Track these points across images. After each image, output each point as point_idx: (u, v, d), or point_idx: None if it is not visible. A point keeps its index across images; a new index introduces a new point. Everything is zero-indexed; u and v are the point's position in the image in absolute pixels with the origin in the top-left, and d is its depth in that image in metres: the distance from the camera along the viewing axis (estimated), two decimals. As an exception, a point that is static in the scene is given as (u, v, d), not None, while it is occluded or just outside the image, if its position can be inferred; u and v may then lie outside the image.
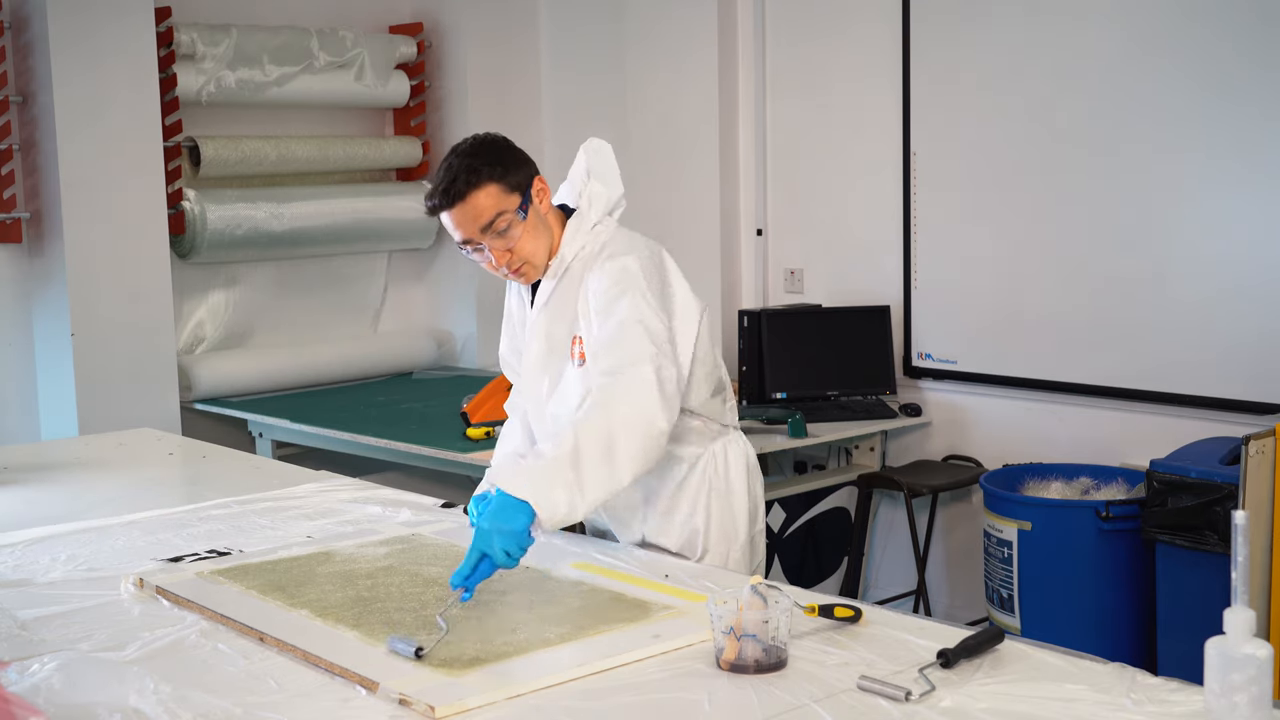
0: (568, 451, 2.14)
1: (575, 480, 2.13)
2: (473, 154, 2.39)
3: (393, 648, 1.87)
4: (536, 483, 2.11)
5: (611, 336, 2.31)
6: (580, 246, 2.48)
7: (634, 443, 2.19)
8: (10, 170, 4.62)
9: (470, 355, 5.76)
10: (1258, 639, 1.41)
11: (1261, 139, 3.86)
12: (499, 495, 2.11)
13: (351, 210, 5.39)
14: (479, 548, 2.06)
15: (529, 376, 2.56)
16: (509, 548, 2.06)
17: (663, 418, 2.24)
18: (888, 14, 4.73)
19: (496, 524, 2.06)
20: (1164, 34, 4.04)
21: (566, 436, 2.16)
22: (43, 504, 2.98)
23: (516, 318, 2.67)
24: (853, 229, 4.97)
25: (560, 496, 2.12)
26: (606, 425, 2.18)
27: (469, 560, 2.06)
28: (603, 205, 2.51)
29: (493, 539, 2.05)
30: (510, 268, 2.43)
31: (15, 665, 1.77)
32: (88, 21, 4.54)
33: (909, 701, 1.66)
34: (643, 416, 2.22)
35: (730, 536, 2.56)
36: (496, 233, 2.38)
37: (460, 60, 5.64)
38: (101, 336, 4.64)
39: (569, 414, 2.41)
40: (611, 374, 2.26)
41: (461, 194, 2.35)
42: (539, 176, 2.45)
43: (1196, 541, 3.51)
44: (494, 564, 2.07)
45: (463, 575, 2.05)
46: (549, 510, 2.11)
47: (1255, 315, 3.90)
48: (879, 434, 4.77)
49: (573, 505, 2.13)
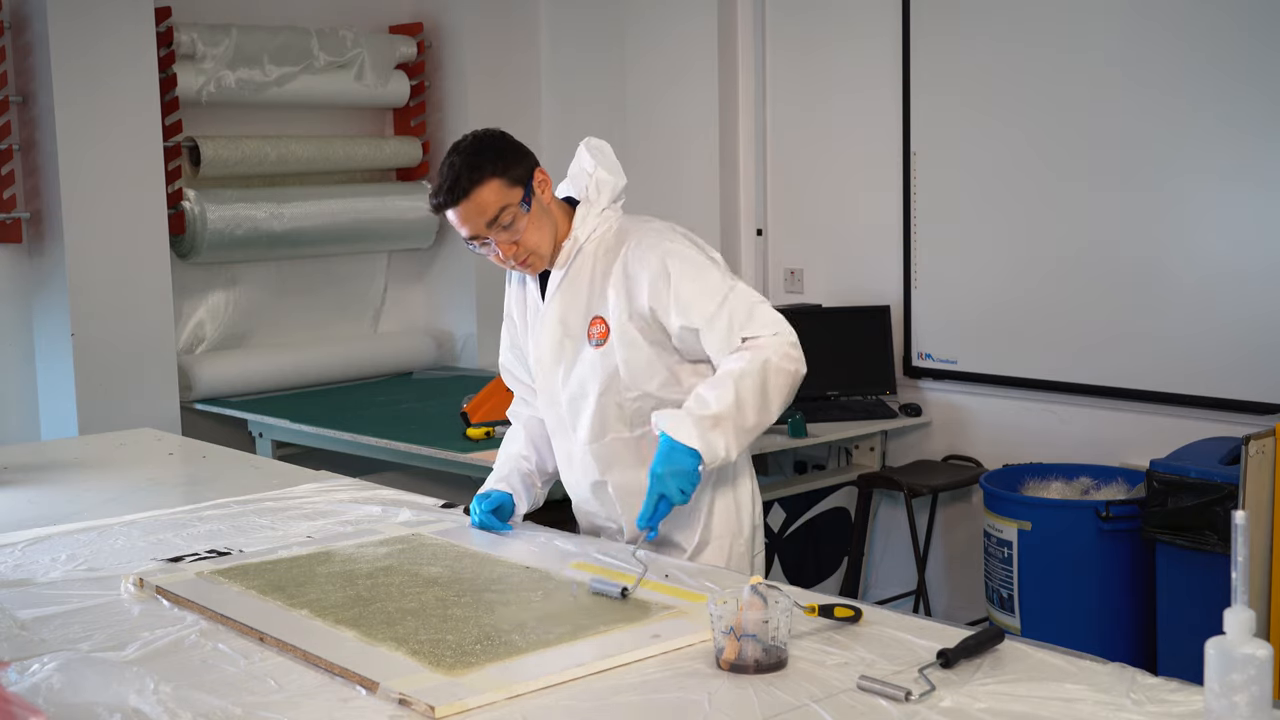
0: (730, 404, 2.33)
1: (734, 425, 2.34)
2: (474, 151, 2.42)
3: (595, 588, 2.12)
4: (702, 430, 2.31)
5: (741, 315, 2.43)
6: (592, 229, 2.52)
7: (783, 390, 2.41)
8: (10, 170, 4.62)
9: (470, 355, 5.75)
10: (1258, 639, 1.41)
11: (1262, 140, 3.86)
12: (665, 440, 2.31)
13: (351, 210, 5.39)
14: (656, 490, 2.30)
15: (544, 364, 2.58)
16: (683, 486, 2.30)
17: (803, 364, 2.44)
18: (888, 13, 4.73)
19: (668, 467, 2.29)
20: (1163, 35, 4.03)
21: (727, 389, 2.34)
22: (43, 504, 2.98)
23: (518, 317, 2.68)
24: (853, 229, 4.97)
25: (720, 441, 2.33)
26: (761, 379, 2.36)
27: (649, 503, 2.31)
28: (610, 191, 2.56)
29: (667, 481, 2.29)
30: (517, 259, 2.48)
31: (15, 665, 1.77)
32: (88, 21, 4.54)
33: (909, 701, 1.66)
34: (790, 364, 2.41)
35: (735, 530, 2.60)
36: (502, 226, 2.42)
37: (460, 60, 5.64)
38: (101, 336, 4.64)
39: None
40: (753, 335, 2.42)
41: (465, 191, 2.39)
42: (539, 168, 2.49)
43: (1196, 541, 3.51)
44: (670, 503, 2.31)
45: (646, 517, 2.31)
46: (711, 455, 2.32)
47: (1255, 315, 3.90)
48: (879, 434, 4.77)
49: (729, 448, 2.34)
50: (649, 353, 2.49)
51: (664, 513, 2.32)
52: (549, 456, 2.72)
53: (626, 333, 2.48)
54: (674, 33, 5.26)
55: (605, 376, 2.50)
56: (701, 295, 2.43)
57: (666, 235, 2.52)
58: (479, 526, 2.60)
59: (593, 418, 2.54)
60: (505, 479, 2.68)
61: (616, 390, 2.51)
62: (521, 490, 2.67)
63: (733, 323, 2.41)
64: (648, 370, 2.50)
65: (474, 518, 2.61)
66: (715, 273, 2.46)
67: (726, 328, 2.41)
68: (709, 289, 2.44)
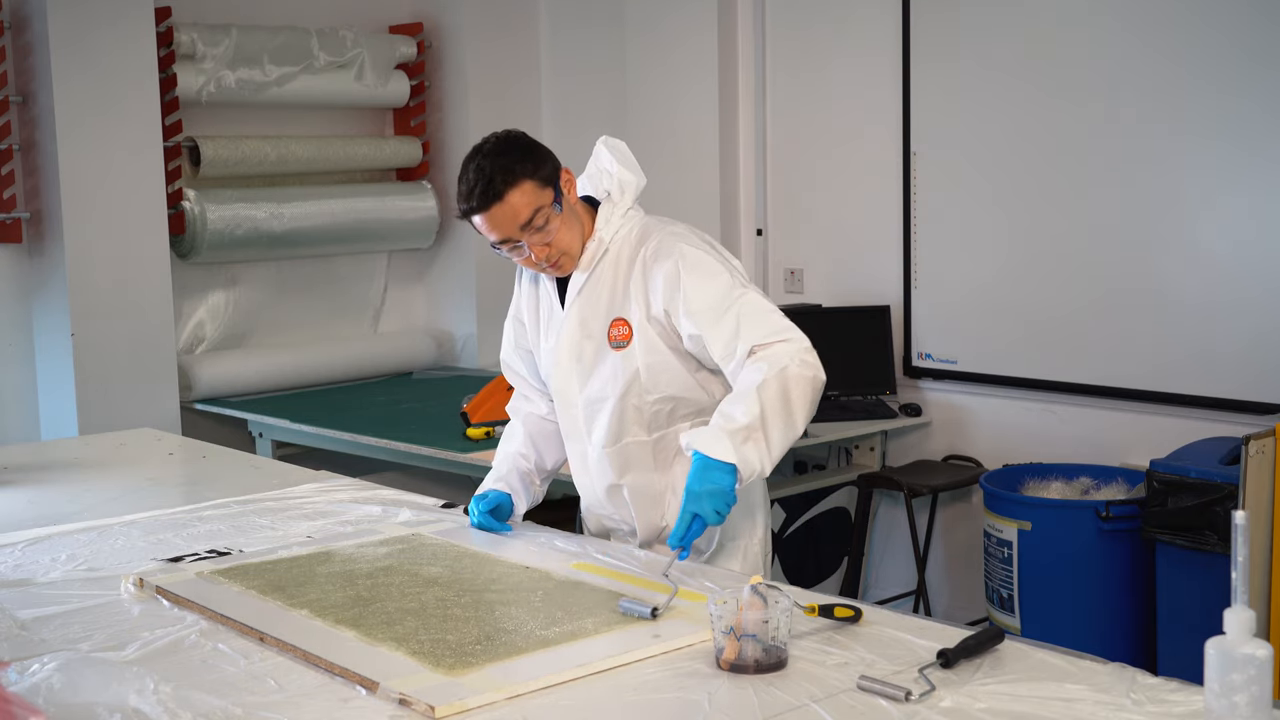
0: (756, 415, 2.28)
1: (764, 438, 2.29)
2: (502, 153, 2.37)
3: (625, 610, 2.02)
4: (737, 445, 2.26)
5: (748, 322, 2.39)
6: (616, 230, 2.51)
7: (806, 397, 2.34)
8: (10, 170, 4.62)
9: (470, 355, 5.75)
10: (1258, 639, 1.41)
11: (1263, 140, 3.86)
12: (700, 459, 2.26)
13: (351, 210, 5.39)
14: (690, 509, 2.23)
15: (562, 366, 2.55)
16: (718, 506, 2.23)
17: (821, 370, 2.39)
18: (888, 13, 4.73)
19: (705, 486, 2.23)
20: (1166, 34, 4.03)
21: (752, 401, 2.29)
22: (43, 504, 2.98)
23: (528, 318, 2.65)
24: (853, 229, 4.97)
25: (754, 455, 2.28)
26: (782, 386, 2.31)
27: (682, 521, 2.23)
28: (633, 191, 2.56)
29: (703, 500, 2.23)
30: (549, 261, 2.45)
31: (15, 665, 1.77)
32: (88, 21, 4.54)
33: (909, 701, 1.66)
34: (808, 370, 2.35)
35: (750, 532, 2.59)
36: (535, 229, 2.39)
37: (460, 60, 5.64)
38: (101, 336, 4.64)
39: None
40: (767, 345, 2.37)
41: (499, 194, 2.34)
42: (565, 168, 2.46)
43: (1196, 541, 3.51)
44: (704, 523, 2.24)
45: (678, 536, 2.24)
46: (747, 469, 2.27)
47: (1255, 315, 3.90)
48: (879, 434, 4.77)
49: (763, 462, 2.30)
50: (669, 356, 2.46)
51: (697, 533, 2.25)
52: (548, 454, 2.71)
53: (647, 335, 2.46)
54: (674, 32, 5.26)
55: (626, 379, 2.48)
56: (708, 300, 2.40)
57: (684, 238, 2.49)
58: (477, 527, 2.59)
59: (610, 421, 2.51)
60: (504, 478, 2.66)
61: (637, 393, 2.48)
62: (520, 489, 2.66)
63: (739, 329, 2.37)
64: (668, 373, 2.47)
65: (472, 518, 2.60)
66: (726, 278, 2.42)
67: (731, 334, 2.38)
68: (717, 294, 2.40)
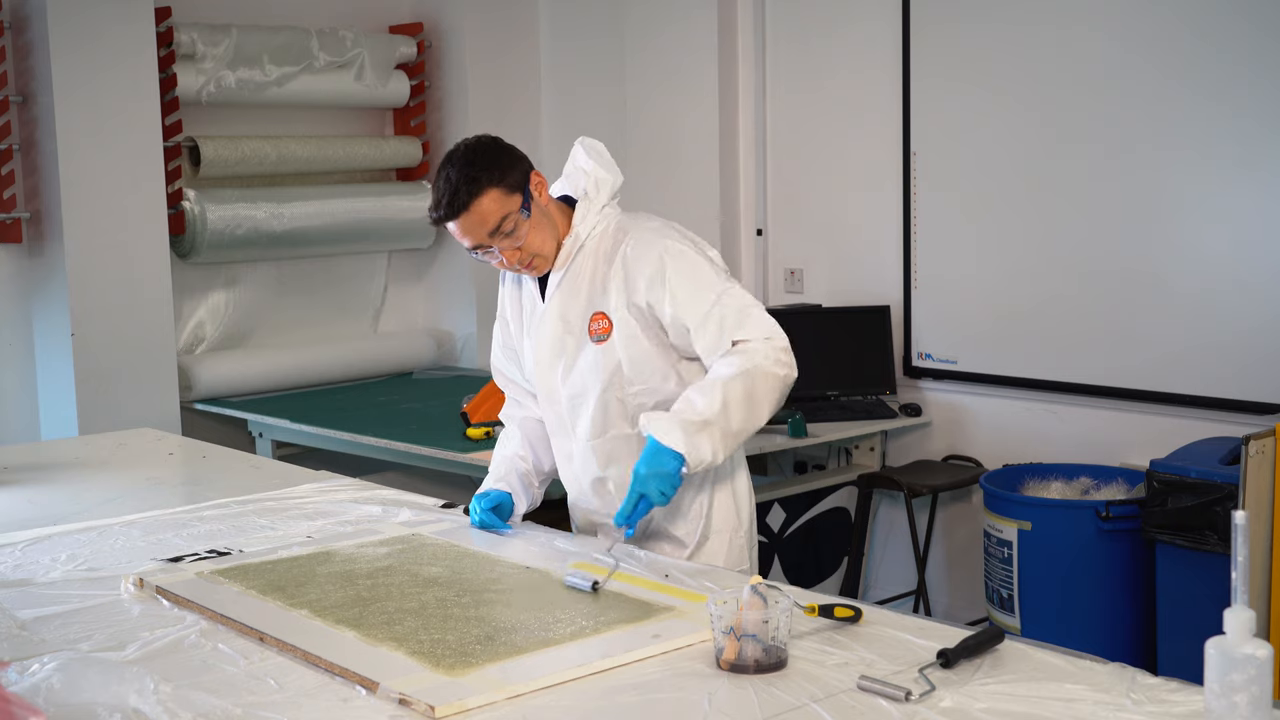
0: (718, 409, 2.34)
1: (719, 432, 2.34)
2: (469, 162, 2.41)
3: (569, 582, 2.14)
4: (689, 434, 2.32)
5: (733, 318, 2.43)
6: (592, 227, 2.53)
7: (772, 395, 2.40)
8: (10, 170, 4.62)
9: (470, 355, 5.75)
10: (1258, 639, 1.41)
11: (1261, 140, 3.86)
12: (652, 442, 2.33)
13: (351, 210, 5.39)
14: (637, 490, 2.33)
15: (544, 362, 2.59)
16: (664, 488, 2.32)
17: (794, 369, 2.43)
18: (888, 14, 4.73)
19: (652, 469, 2.32)
20: (1164, 34, 4.03)
21: (716, 393, 2.35)
22: (43, 504, 2.98)
23: (512, 317, 2.68)
24: (853, 229, 4.96)
25: (705, 446, 2.34)
26: (750, 383, 2.37)
27: (629, 501, 2.34)
28: (609, 189, 2.57)
29: (649, 482, 2.32)
30: (522, 264, 2.49)
31: (15, 665, 1.77)
32: (88, 21, 4.54)
33: (909, 701, 1.66)
34: (780, 369, 2.40)
35: (734, 525, 2.62)
36: (504, 234, 2.43)
37: (460, 60, 5.64)
38: (101, 336, 4.64)
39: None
40: (747, 341, 2.41)
41: (465, 204, 2.39)
42: (534, 171, 2.48)
43: (1196, 541, 3.51)
44: (650, 503, 2.34)
45: (624, 515, 2.34)
46: (696, 458, 2.34)
47: (1255, 315, 3.90)
48: (879, 434, 4.77)
49: (715, 453, 2.36)
50: (650, 348, 2.50)
51: (643, 511, 2.35)
52: (545, 456, 2.73)
53: (628, 327, 2.49)
54: (674, 33, 5.26)
55: (608, 373, 2.51)
56: (695, 295, 2.44)
57: (664, 232, 2.53)
58: (479, 525, 2.60)
59: (594, 414, 2.54)
60: (503, 479, 2.68)
61: (619, 386, 2.52)
62: (520, 489, 2.68)
63: (724, 325, 2.42)
64: (649, 365, 2.50)
65: (473, 517, 2.61)
66: (710, 273, 2.47)
67: (718, 329, 2.42)
68: (703, 289, 2.44)
